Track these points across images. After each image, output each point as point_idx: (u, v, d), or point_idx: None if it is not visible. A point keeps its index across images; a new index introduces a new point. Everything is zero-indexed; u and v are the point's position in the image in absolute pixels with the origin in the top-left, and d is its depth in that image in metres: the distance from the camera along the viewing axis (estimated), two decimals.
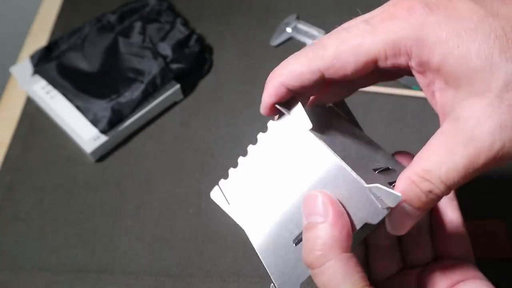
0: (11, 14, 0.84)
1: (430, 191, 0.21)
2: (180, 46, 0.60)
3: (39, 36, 0.67)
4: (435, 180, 0.21)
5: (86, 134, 0.54)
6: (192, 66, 0.60)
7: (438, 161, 0.21)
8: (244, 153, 0.28)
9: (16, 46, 0.67)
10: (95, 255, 0.49)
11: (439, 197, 0.22)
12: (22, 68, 0.59)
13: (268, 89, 0.25)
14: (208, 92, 0.60)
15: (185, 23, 0.63)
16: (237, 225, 0.28)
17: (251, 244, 0.27)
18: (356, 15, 0.25)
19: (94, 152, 0.54)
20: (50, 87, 0.57)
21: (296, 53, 0.25)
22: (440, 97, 0.23)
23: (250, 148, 0.27)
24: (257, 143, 0.27)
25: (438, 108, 0.23)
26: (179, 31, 0.61)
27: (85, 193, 0.53)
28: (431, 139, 0.22)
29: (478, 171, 0.21)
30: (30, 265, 0.48)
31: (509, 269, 0.45)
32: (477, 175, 0.21)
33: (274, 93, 0.25)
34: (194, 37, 0.61)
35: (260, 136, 0.27)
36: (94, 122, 0.54)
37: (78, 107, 0.55)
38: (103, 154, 0.55)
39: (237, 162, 0.27)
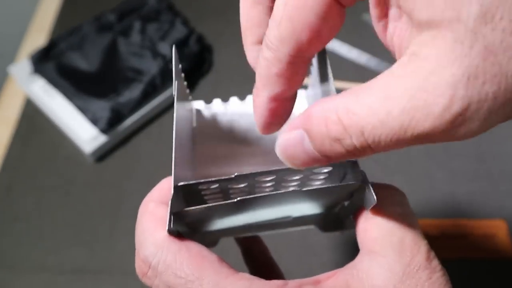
0: (9, 13, 0.84)
1: (338, 140, 0.16)
2: (179, 45, 0.59)
3: (37, 35, 0.66)
4: (353, 130, 0.15)
5: (85, 134, 0.54)
6: (192, 66, 0.60)
7: (369, 107, 0.15)
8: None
9: (14, 45, 0.67)
10: (94, 256, 0.49)
11: (349, 154, 0.16)
12: (21, 68, 0.59)
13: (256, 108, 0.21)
14: (208, 92, 0.60)
15: (185, 23, 0.62)
16: None
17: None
18: (356, 15, 0.25)
19: (93, 152, 0.54)
20: (48, 87, 0.57)
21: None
22: (395, 27, 0.17)
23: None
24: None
25: (394, 43, 0.17)
26: (179, 31, 0.61)
27: (84, 193, 0.53)
28: (377, 77, 0.16)
29: (421, 139, 0.15)
30: (29, 265, 0.48)
31: (509, 269, 0.45)
32: (421, 144, 0.15)
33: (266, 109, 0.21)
34: (194, 36, 0.61)
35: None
36: (94, 121, 0.54)
37: (77, 107, 0.55)
38: (102, 154, 0.55)
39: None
